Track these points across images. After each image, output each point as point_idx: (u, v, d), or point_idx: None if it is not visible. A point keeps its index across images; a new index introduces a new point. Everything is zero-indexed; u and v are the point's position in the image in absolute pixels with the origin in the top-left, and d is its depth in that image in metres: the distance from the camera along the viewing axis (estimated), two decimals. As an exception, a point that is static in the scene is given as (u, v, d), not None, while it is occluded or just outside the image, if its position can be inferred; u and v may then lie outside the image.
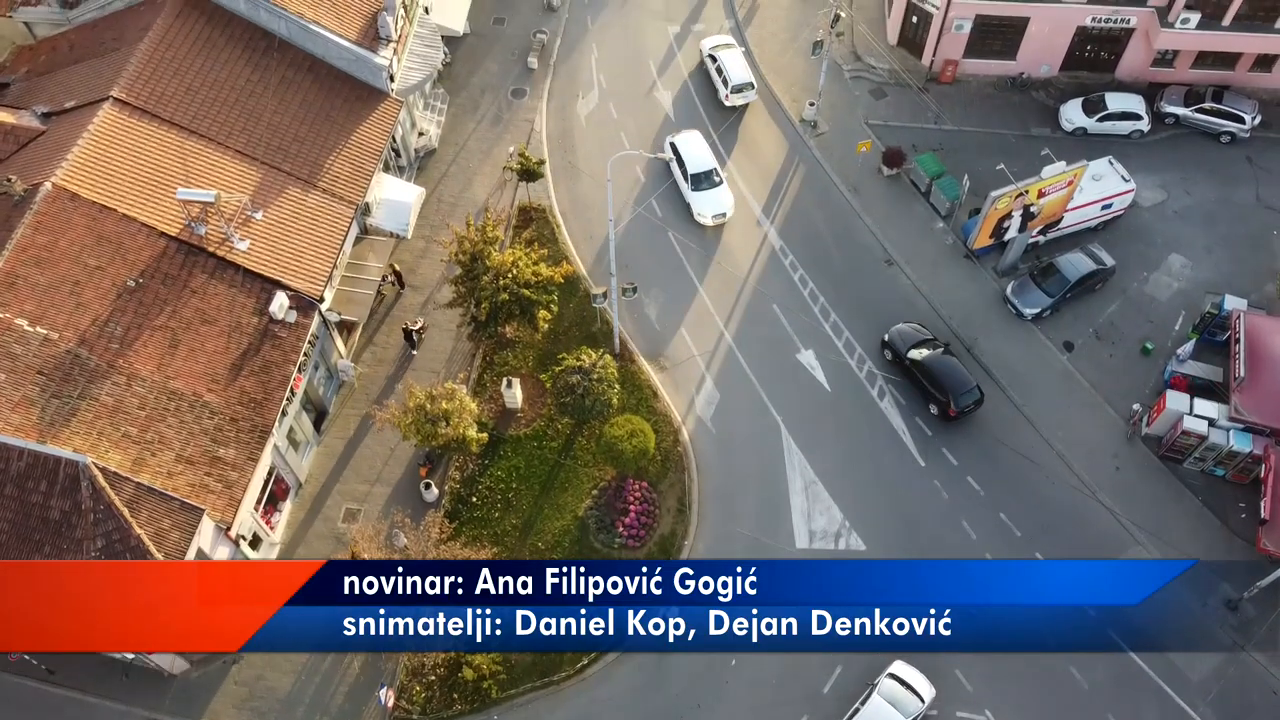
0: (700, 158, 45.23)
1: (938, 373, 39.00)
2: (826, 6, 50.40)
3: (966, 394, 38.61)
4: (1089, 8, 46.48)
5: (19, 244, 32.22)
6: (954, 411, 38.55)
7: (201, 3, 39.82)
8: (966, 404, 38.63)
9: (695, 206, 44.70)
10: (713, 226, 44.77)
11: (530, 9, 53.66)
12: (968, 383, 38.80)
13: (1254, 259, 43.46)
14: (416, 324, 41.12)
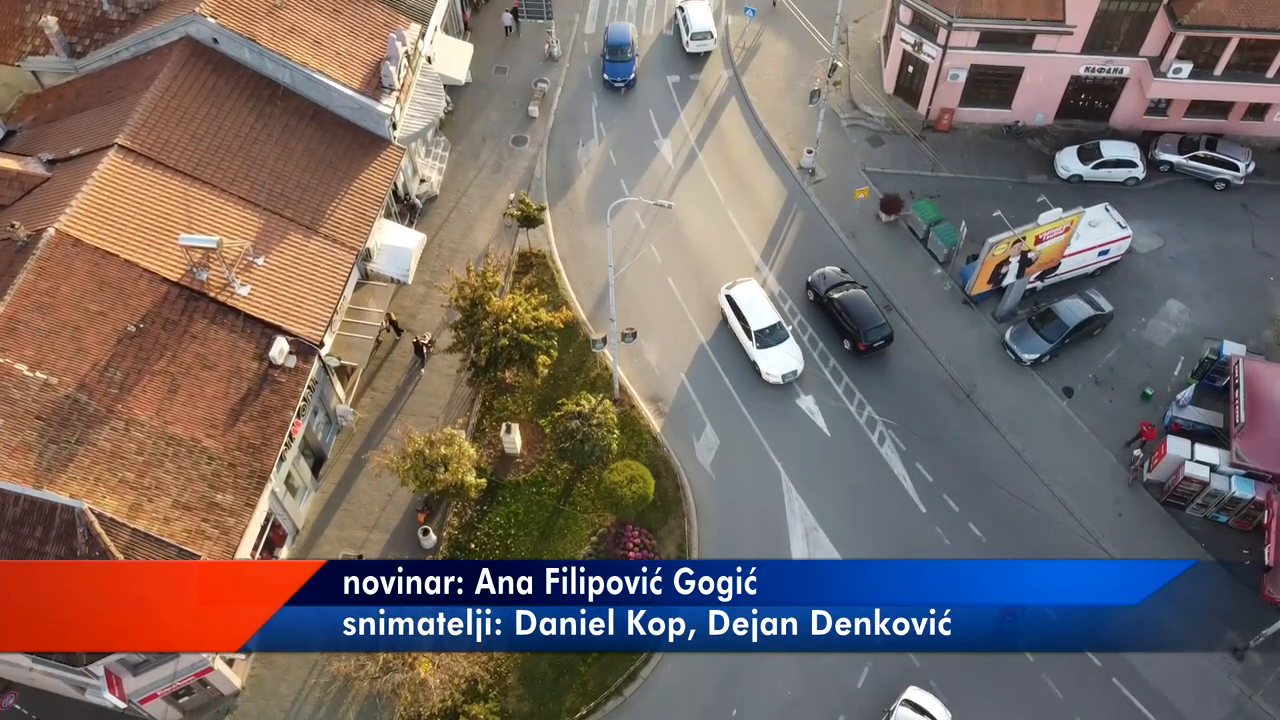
0: (762, 311, 41.83)
1: (851, 310, 42.09)
2: (823, 56, 51.26)
3: (875, 329, 41.67)
4: (1082, 58, 47.14)
5: (21, 289, 32.33)
6: (864, 345, 41.69)
7: (208, 53, 40.39)
8: (875, 339, 41.69)
9: (763, 366, 41.02)
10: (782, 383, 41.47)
11: (532, 58, 54.44)
12: (877, 319, 41.91)
13: (1251, 305, 43.63)
14: (425, 338, 41.56)
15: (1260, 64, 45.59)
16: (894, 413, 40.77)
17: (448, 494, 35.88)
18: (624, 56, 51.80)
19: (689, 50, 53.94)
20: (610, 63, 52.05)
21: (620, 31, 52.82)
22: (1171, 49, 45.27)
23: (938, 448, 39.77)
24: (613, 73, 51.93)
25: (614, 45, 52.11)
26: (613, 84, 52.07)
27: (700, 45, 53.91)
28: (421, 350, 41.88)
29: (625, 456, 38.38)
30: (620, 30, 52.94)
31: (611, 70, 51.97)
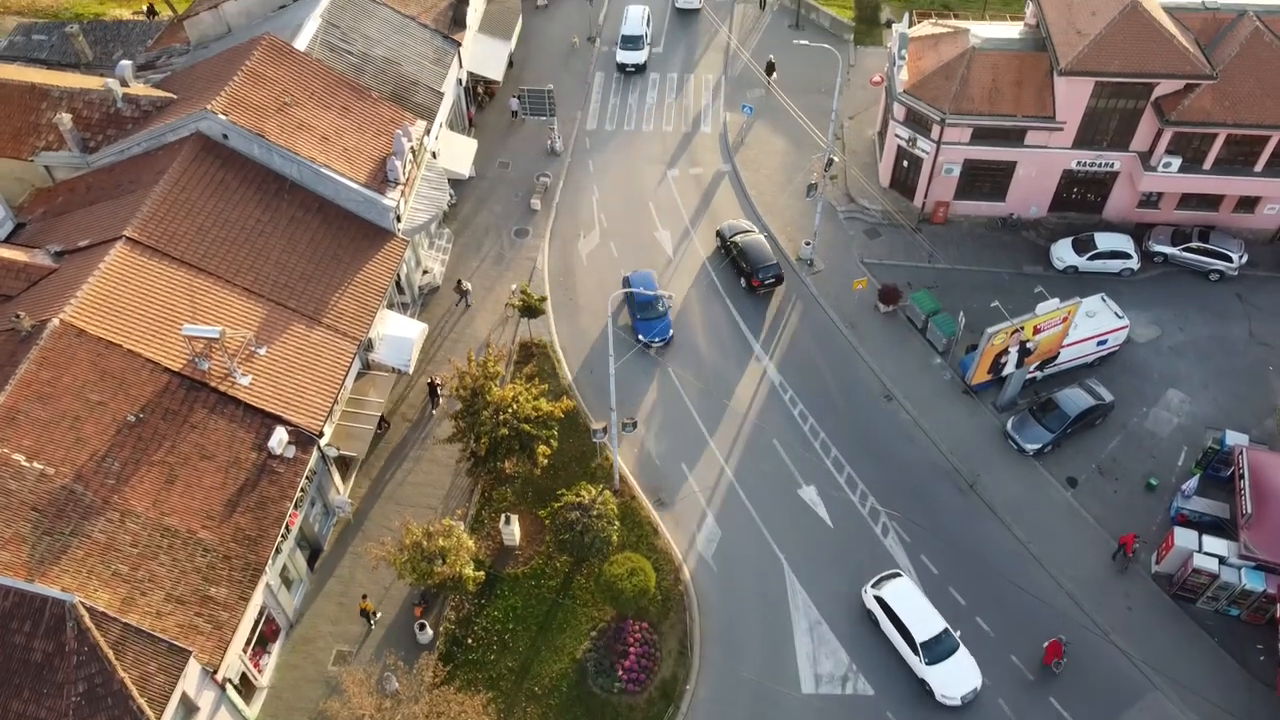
0: (925, 618, 35.46)
1: (747, 252, 47.87)
2: (820, 151, 52.37)
3: (766, 269, 47.25)
4: (1074, 152, 48.17)
5: (22, 379, 32.37)
6: (756, 282, 47.30)
7: (217, 148, 41.27)
8: (766, 277, 47.28)
9: (935, 685, 34.58)
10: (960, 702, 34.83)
11: (534, 153, 55.61)
12: (768, 259, 47.54)
13: (1252, 394, 43.64)
14: (438, 378, 43.51)
15: (1248, 158, 46.57)
16: (897, 503, 40.40)
17: (445, 587, 35.30)
18: (656, 312, 45.70)
19: None
20: (642, 320, 45.76)
21: (645, 281, 46.77)
22: (1160, 144, 46.30)
23: (942, 539, 39.28)
24: (646, 331, 45.55)
25: (642, 302, 45.76)
26: (647, 343, 45.44)
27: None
28: (435, 391, 43.04)
29: (626, 548, 37.87)
30: (645, 279, 46.84)
31: (645, 329, 45.61)
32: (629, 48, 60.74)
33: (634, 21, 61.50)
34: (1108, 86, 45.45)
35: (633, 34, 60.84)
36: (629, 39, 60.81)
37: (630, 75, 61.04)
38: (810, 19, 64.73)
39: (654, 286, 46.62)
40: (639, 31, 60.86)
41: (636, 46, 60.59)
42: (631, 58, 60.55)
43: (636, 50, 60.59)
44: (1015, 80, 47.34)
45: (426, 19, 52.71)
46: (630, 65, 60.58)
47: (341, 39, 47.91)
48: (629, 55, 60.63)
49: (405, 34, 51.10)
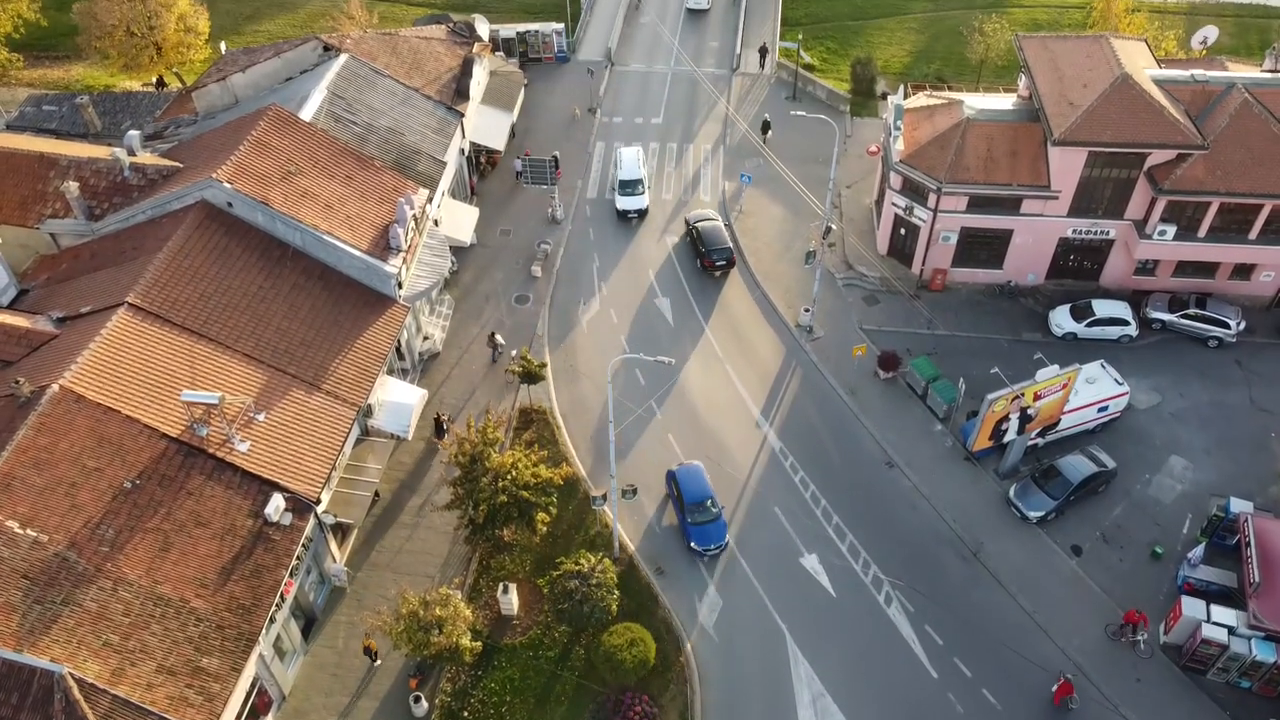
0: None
1: (704, 235, 52.58)
2: (818, 219, 52.97)
3: (718, 251, 51.89)
4: (1069, 220, 48.68)
5: (19, 445, 32.21)
6: (708, 262, 51.70)
7: (221, 215, 41.70)
8: (717, 259, 51.73)
9: None
10: None
11: (535, 221, 56.21)
12: (722, 243, 52.09)
13: (1254, 461, 43.41)
14: (445, 415, 44.49)
15: (1242, 226, 47.03)
16: (900, 572, 39.90)
17: (442, 658, 34.66)
18: (709, 514, 40.57)
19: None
20: (694, 525, 40.32)
21: (696, 478, 41.60)
22: (1155, 212, 46.81)
23: (946, 608, 38.71)
24: (700, 538, 40.16)
25: (692, 503, 40.60)
26: (701, 552, 40.40)
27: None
28: (441, 426, 43.25)
29: (625, 618, 37.27)
30: (695, 476, 41.67)
31: (698, 536, 40.19)
32: (628, 193, 55.76)
33: (629, 165, 56.48)
34: (1101, 156, 46.12)
35: (630, 178, 55.97)
36: (627, 184, 55.87)
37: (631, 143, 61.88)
38: (807, 91, 65.98)
39: (705, 483, 40.95)
40: (636, 175, 55.99)
41: (636, 191, 55.73)
42: (633, 204, 55.52)
43: (636, 195, 55.65)
44: (1010, 150, 48.06)
45: (430, 91, 53.74)
46: (633, 212, 55.63)
47: (346, 110, 48.76)
48: (630, 201, 55.56)
49: (409, 105, 52.03)
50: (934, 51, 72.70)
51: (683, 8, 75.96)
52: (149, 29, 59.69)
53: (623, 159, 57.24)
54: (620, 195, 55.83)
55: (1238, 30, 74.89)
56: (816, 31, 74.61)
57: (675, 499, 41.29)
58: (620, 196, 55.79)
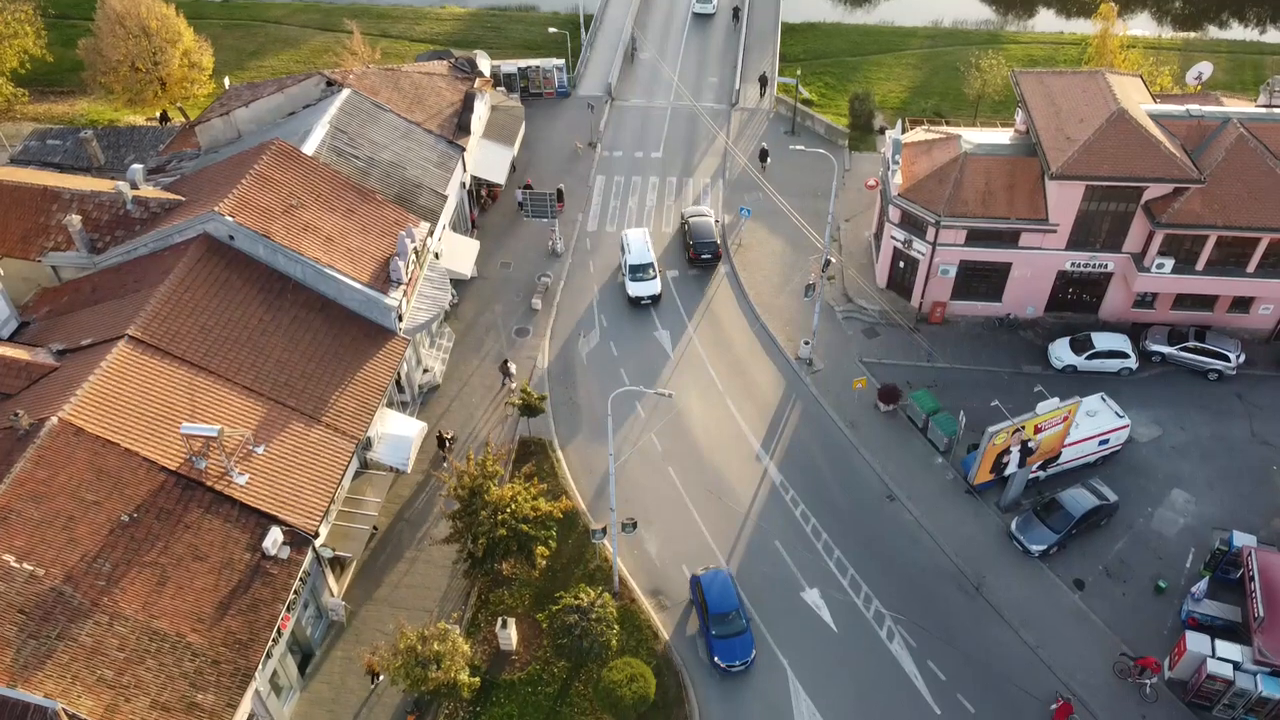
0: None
1: (694, 229, 55.69)
2: (817, 252, 53.17)
3: (704, 244, 54.90)
4: (1068, 254, 48.86)
5: (17, 479, 32.09)
6: (694, 254, 54.84)
7: (223, 248, 41.85)
8: (703, 251, 54.87)
9: None
10: None
11: (536, 254, 56.42)
12: (709, 238, 55.27)
13: (1257, 494, 43.26)
14: (449, 433, 44.98)
15: (1240, 259, 47.20)
16: (902, 606, 39.61)
17: (439, 694, 34.28)
18: (737, 626, 37.72)
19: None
20: (718, 638, 37.53)
21: (722, 586, 38.69)
22: (1153, 246, 47.00)
23: (949, 643, 38.38)
24: (725, 653, 37.30)
25: (717, 614, 37.91)
26: (726, 668, 37.42)
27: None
28: (444, 444, 43.62)
29: (625, 653, 36.97)
30: (721, 584, 38.76)
31: (722, 650, 37.36)
32: (639, 278, 52.73)
33: (638, 249, 53.68)
34: (1098, 190, 46.39)
35: (640, 263, 53.16)
36: (638, 268, 52.93)
37: (631, 178, 62.35)
38: (806, 125, 66.51)
39: (732, 591, 38.18)
40: (647, 259, 53.34)
41: (647, 275, 52.87)
42: (646, 289, 52.53)
43: (648, 280, 52.77)
44: (1008, 184, 48.36)
45: (432, 125, 54.18)
46: (646, 298, 52.66)
47: (349, 144, 49.11)
48: (642, 287, 52.55)
49: (411, 139, 52.42)
50: (931, 87, 73.39)
51: (682, 47, 76.71)
52: (153, 64, 60.25)
53: (630, 242, 54.35)
54: (631, 281, 52.80)
55: (1232, 66, 75.68)
56: (815, 67, 75.38)
57: (698, 606, 38.47)
58: (631, 282, 52.75)
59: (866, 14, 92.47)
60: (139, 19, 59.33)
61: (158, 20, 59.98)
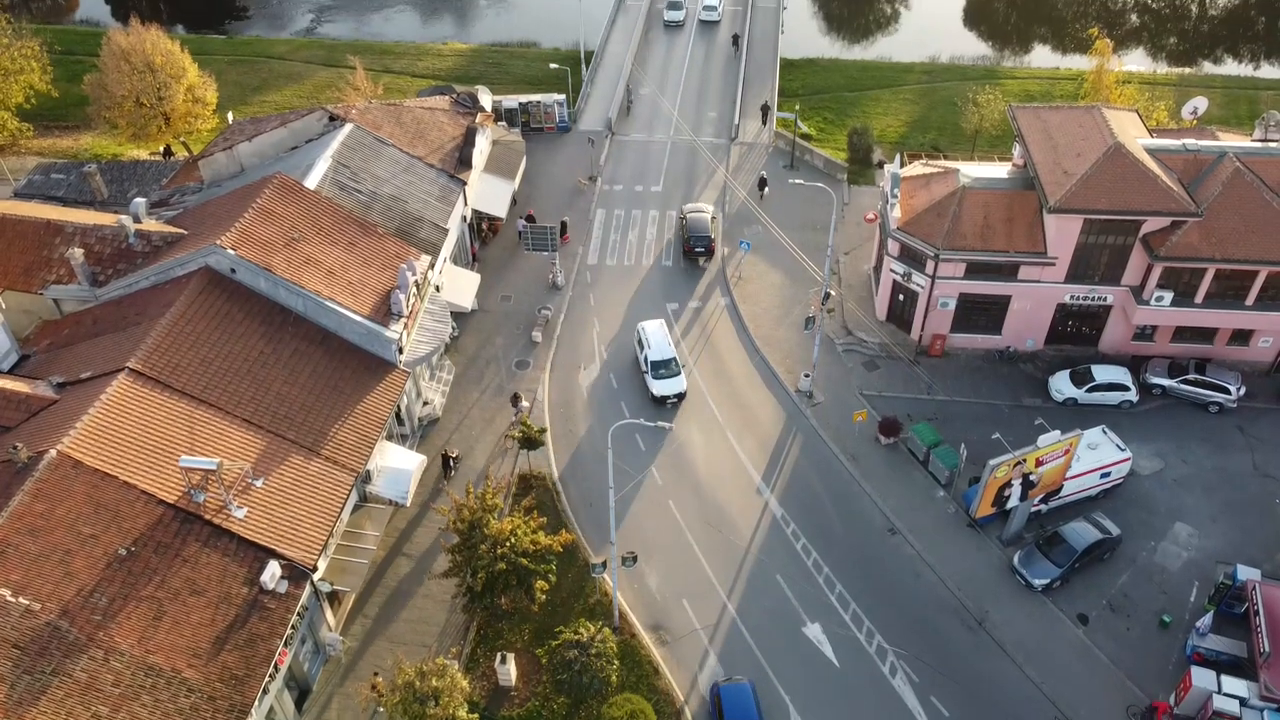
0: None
1: (689, 223, 58.53)
2: (816, 285, 53.30)
3: (698, 238, 57.58)
4: (1067, 286, 48.99)
5: (14, 512, 31.94)
6: (688, 247, 57.69)
7: (224, 281, 41.97)
8: (696, 244, 57.50)
9: None
10: None
11: (536, 287, 56.57)
12: (702, 231, 57.69)
13: (1260, 527, 43.05)
14: (454, 452, 45.54)
15: (1239, 292, 47.32)
16: (904, 641, 39.28)
17: (438, 730, 33.87)
18: None
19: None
20: None
21: (743, 702, 36.05)
22: (1151, 279, 47.14)
23: (952, 679, 38.02)
24: None
25: None
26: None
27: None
28: (449, 463, 44.03)
29: (625, 689, 36.61)
30: (742, 699, 36.15)
31: None
32: (662, 375, 48.50)
33: (658, 343, 49.42)
34: (1096, 223, 46.61)
35: (662, 358, 48.90)
36: (659, 365, 48.66)
37: (631, 211, 62.65)
38: (805, 160, 66.97)
39: (753, 708, 35.56)
40: (668, 354, 49.06)
41: (671, 372, 48.70)
42: (670, 388, 48.35)
43: (673, 377, 48.61)
44: (1006, 217, 48.59)
45: (433, 159, 54.54)
46: (672, 398, 48.55)
47: (351, 178, 49.41)
48: (667, 385, 48.34)
49: (412, 173, 52.76)
50: (929, 121, 73.98)
51: (681, 82, 77.40)
52: (158, 99, 60.77)
53: (649, 337, 49.91)
54: (654, 379, 48.38)
55: (1227, 101, 76.34)
56: (813, 102, 76.04)
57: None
58: (654, 380, 48.32)
59: (864, 50, 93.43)
60: (144, 55, 59.94)
61: (163, 56, 60.58)
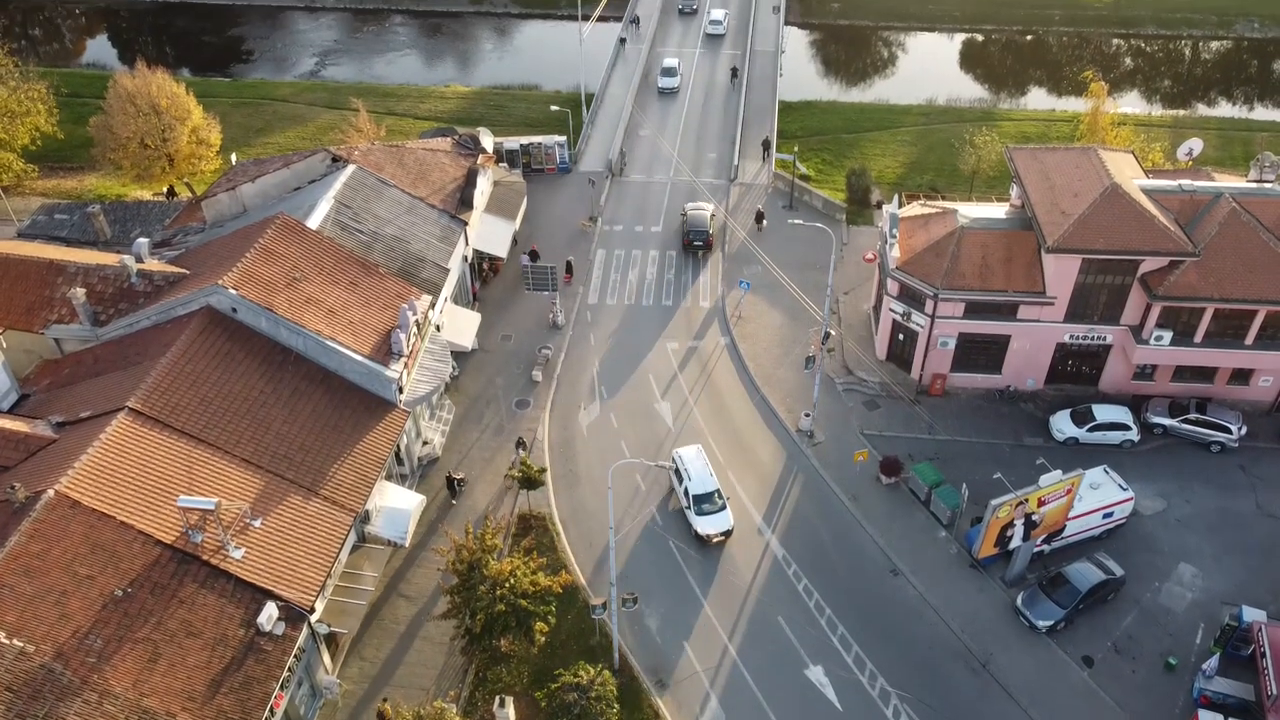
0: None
1: (689, 218, 62.39)
2: (816, 325, 53.42)
3: (696, 233, 61.74)
4: (1066, 326, 49.08)
5: (10, 552, 31.71)
6: (687, 240, 61.80)
7: (225, 321, 42.06)
8: (695, 239, 61.79)
9: None
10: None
11: (536, 326, 56.69)
12: (701, 226, 61.78)
13: (1265, 567, 42.76)
14: (459, 474, 45.84)
15: (1238, 332, 47.40)
16: (908, 684, 38.84)
17: (435, 775, 33.41)
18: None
19: None
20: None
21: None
22: (1150, 318, 47.24)
23: (957, 723, 37.57)
24: None
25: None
26: None
27: None
28: (453, 485, 44.13)
29: (625, 733, 36.14)
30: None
31: None
32: (706, 511, 43.68)
33: (699, 474, 44.64)
34: (1095, 263, 46.82)
35: (705, 491, 44.06)
36: (702, 499, 43.86)
37: (631, 251, 62.95)
38: (804, 200, 67.44)
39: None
40: (710, 486, 44.25)
41: (714, 505, 43.89)
42: (716, 525, 43.57)
43: (718, 513, 43.81)
44: (1005, 257, 48.82)
45: (435, 200, 54.93)
46: (719, 536, 43.66)
47: (353, 219, 49.72)
48: (712, 523, 43.59)
49: (414, 214, 53.11)
50: (926, 163, 74.63)
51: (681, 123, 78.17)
52: (162, 141, 61.35)
53: (688, 466, 45.11)
54: (697, 515, 43.57)
55: (1221, 142, 77.05)
56: (812, 143, 76.75)
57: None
58: (698, 517, 43.53)
59: (862, 92, 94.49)
60: (150, 97, 60.62)
61: (168, 98, 61.27)
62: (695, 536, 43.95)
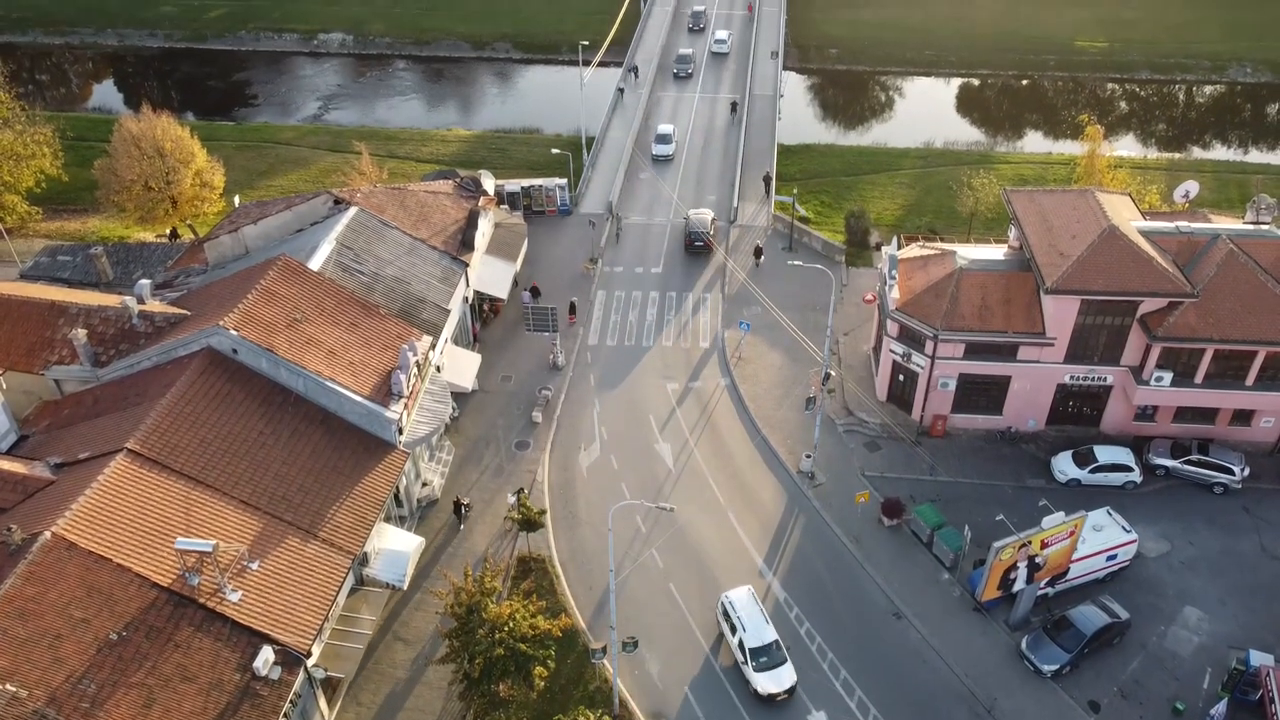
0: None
1: (692, 223, 66.74)
2: (816, 366, 53.43)
3: (697, 235, 66.13)
4: (1067, 367, 49.09)
5: (5, 596, 31.43)
6: (688, 242, 66.51)
7: (226, 361, 42.06)
8: (694, 240, 66.39)
9: None
10: None
11: (536, 367, 56.69)
12: (701, 228, 66.20)
13: (1270, 610, 42.35)
14: (465, 499, 46.54)
15: (1238, 373, 47.40)
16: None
17: (432, 824, 32.81)
18: None
19: None
20: None
21: None
22: (1150, 359, 47.27)
23: (962, 770, 36.99)
24: None
25: None
26: None
27: None
28: (460, 510, 45.29)
29: (626, 780, 35.53)
30: None
31: None
32: (764, 665, 39.18)
33: (755, 623, 40.13)
34: (1094, 304, 46.94)
35: (763, 643, 39.68)
36: (760, 652, 39.39)
37: (631, 292, 63.14)
38: (803, 242, 67.78)
39: None
40: (768, 637, 39.91)
41: (775, 659, 39.50)
42: (778, 682, 38.90)
43: (778, 666, 39.29)
44: (1004, 298, 48.96)
45: (436, 241, 55.20)
46: (782, 694, 38.90)
47: (354, 260, 49.94)
48: (772, 679, 38.85)
49: (415, 255, 53.35)
50: (925, 205, 75.11)
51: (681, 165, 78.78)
52: (166, 184, 61.82)
53: (740, 614, 40.49)
54: (755, 671, 39.05)
55: (1217, 185, 77.63)
56: (811, 186, 77.29)
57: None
58: (756, 673, 39.01)
59: (860, 136, 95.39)
60: (154, 140, 61.18)
61: (172, 142, 61.84)
62: (752, 695, 39.05)
